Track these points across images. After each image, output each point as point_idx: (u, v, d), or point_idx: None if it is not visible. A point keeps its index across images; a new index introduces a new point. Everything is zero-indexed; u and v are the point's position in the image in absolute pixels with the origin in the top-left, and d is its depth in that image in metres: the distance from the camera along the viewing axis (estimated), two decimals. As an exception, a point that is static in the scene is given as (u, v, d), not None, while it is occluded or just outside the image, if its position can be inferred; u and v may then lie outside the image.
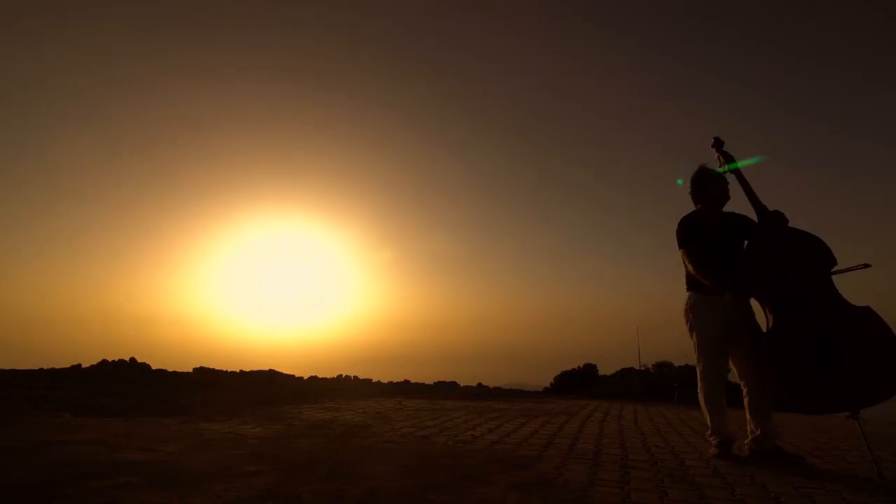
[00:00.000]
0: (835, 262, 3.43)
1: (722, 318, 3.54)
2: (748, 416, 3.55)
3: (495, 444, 3.51)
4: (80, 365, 9.32)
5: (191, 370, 9.94)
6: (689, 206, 3.77)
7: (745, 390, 3.57)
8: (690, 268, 3.59)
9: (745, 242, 3.61)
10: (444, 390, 10.67)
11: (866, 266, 3.33)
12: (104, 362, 10.15)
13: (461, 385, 12.21)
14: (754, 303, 3.63)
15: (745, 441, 3.55)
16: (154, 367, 10.40)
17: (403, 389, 10.21)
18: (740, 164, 3.82)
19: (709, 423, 3.58)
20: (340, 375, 13.84)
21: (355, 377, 13.56)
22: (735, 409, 3.62)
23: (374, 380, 13.46)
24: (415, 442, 3.50)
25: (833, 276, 3.44)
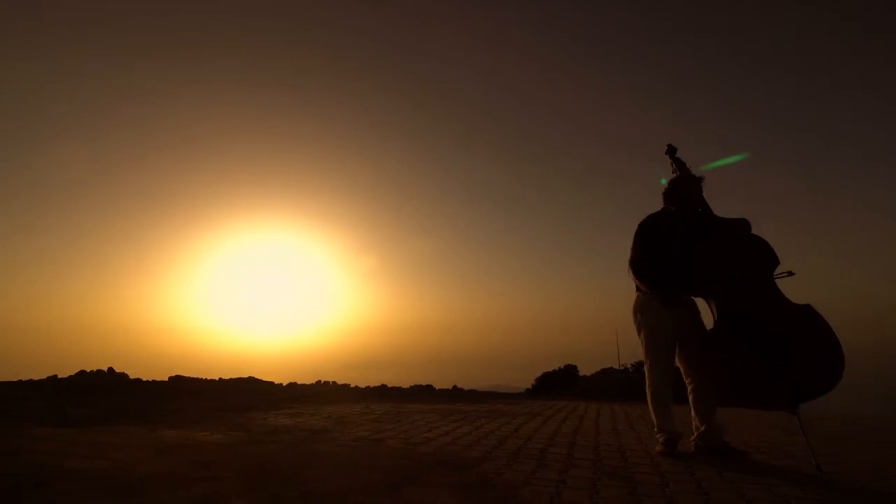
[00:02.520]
0: (777, 263, 3.56)
1: (669, 318, 3.64)
2: (693, 413, 3.66)
3: (446, 446, 3.58)
4: (55, 376, 9.26)
5: (166, 379, 9.92)
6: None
7: (690, 387, 3.67)
8: (630, 268, 3.71)
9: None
10: (420, 394, 10.71)
11: (791, 274, 3.51)
12: (82, 373, 10.08)
13: (437, 388, 12.28)
14: (702, 302, 3.75)
15: (692, 438, 3.65)
16: (133, 376, 10.37)
17: (379, 393, 10.25)
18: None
19: (655, 420, 3.68)
20: (319, 381, 13.87)
21: (333, 382, 13.59)
22: (681, 406, 3.71)
23: (353, 385, 13.51)
24: (368, 445, 3.56)
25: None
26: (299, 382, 13.23)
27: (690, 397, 3.66)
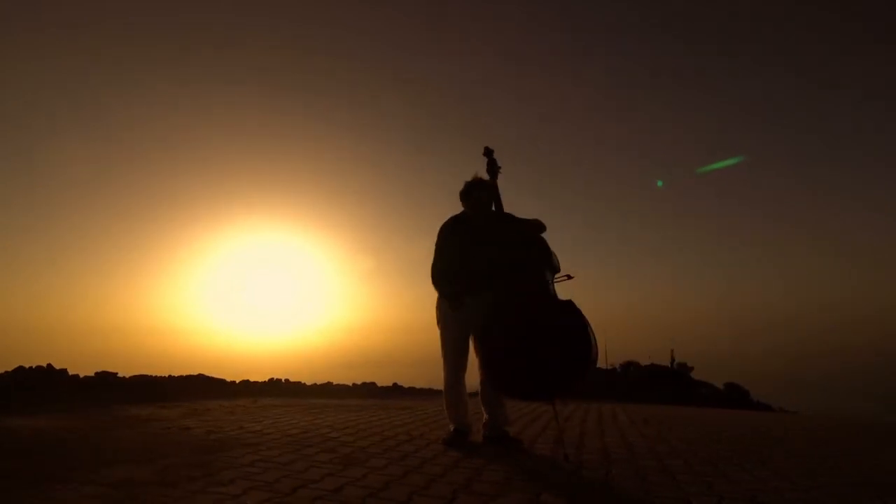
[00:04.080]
0: (551, 261, 3.79)
1: (466, 316, 3.86)
2: (481, 404, 3.89)
3: (240, 435, 3.83)
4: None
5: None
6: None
7: (480, 380, 3.90)
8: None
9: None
10: (357, 391, 10.96)
11: (570, 278, 3.75)
12: (19, 368, 10.40)
13: (379, 385, 12.53)
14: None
15: (481, 428, 3.89)
16: (72, 373, 10.69)
17: (315, 391, 10.51)
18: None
19: (447, 412, 3.92)
20: (272, 378, 14.17)
21: (286, 380, 13.89)
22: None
23: (304, 382, 13.82)
24: (172, 432, 3.85)
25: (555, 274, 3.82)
26: (252, 380, 13.55)
27: (479, 389, 3.89)
